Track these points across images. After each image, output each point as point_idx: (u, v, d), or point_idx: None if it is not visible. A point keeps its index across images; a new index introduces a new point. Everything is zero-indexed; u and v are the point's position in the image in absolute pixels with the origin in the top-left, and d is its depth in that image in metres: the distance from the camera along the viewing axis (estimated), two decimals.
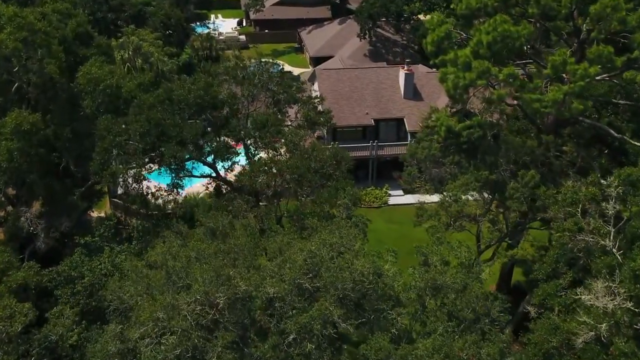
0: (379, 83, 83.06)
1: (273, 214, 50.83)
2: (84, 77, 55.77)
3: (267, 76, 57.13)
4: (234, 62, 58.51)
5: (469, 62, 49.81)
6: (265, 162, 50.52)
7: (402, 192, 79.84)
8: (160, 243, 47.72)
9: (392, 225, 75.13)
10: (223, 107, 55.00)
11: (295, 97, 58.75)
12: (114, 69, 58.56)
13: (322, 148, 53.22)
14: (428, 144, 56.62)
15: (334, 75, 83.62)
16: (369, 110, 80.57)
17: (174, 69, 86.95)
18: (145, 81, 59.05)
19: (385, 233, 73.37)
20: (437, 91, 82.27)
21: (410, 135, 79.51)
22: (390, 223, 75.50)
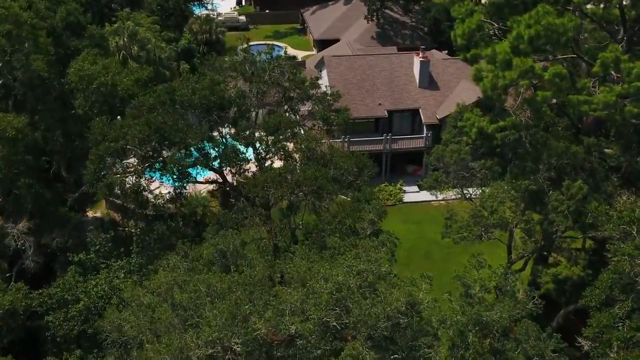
0: (392, 71, 76.90)
1: (288, 230, 45.02)
2: (75, 74, 49.62)
3: (279, 72, 50.91)
4: (242, 55, 52.27)
5: (509, 59, 43.79)
6: (280, 172, 44.58)
7: (417, 189, 74.05)
8: (164, 265, 42.16)
9: (409, 226, 69.39)
10: (230, 107, 48.92)
11: (309, 94, 52.66)
12: (108, 64, 52.27)
13: (343, 154, 47.29)
14: (457, 147, 50.70)
15: (344, 62, 77.38)
16: (381, 101, 74.49)
17: (173, 55, 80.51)
18: (143, 77, 52.85)
19: (402, 234, 66.33)
20: (454, 79, 76.31)
21: (426, 128, 73.62)
22: (406, 223, 69.74)
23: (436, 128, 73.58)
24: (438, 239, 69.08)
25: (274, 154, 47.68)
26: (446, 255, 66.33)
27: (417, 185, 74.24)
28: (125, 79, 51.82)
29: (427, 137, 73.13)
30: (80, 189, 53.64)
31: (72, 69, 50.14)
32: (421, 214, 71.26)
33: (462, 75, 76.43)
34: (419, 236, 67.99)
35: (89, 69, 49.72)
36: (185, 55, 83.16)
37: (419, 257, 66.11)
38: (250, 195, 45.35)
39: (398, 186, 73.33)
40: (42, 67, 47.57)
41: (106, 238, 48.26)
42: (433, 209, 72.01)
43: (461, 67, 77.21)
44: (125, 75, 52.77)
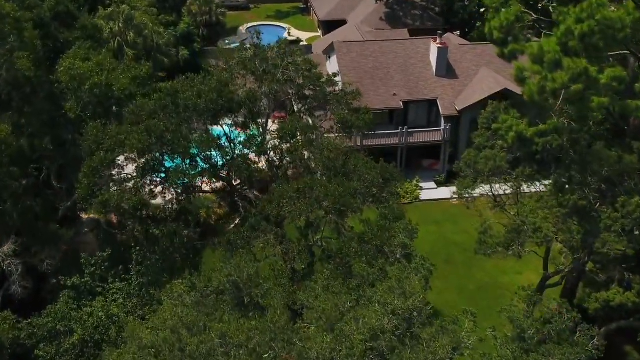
0: (407, 58, 70.93)
1: (307, 252, 39.54)
2: (66, 73, 43.74)
3: (294, 69, 45.02)
4: (252, 51, 46.32)
5: (558, 59, 38.04)
6: (298, 187, 38.98)
7: (434, 185, 68.59)
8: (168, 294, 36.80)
9: (428, 226, 63.56)
10: (240, 110, 43.16)
11: (325, 92, 46.88)
12: (102, 60, 46.27)
13: (366, 163, 41.66)
14: (492, 154, 45.07)
15: (356, 49, 71.33)
16: (396, 91, 68.63)
17: (171, 41, 74.51)
18: (141, 73, 46.89)
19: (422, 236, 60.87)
20: (473, 67, 70.43)
21: (444, 120, 67.88)
22: (425, 223, 63.45)
23: (455, 120, 67.92)
24: (459, 240, 64.00)
25: (290, 164, 42.04)
26: (469, 259, 60.97)
27: (435, 182, 68.83)
28: (121, 77, 45.87)
29: (445, 130, 67.46)
30: (73, 197, 47.94)
31: (62, 68, 44.23)
32: (440, 212, 65.79)
33: (482, 62, 70.60)
34: (438, 238, 62.59)
35: (80, 67, 43.81)
36: (185, 40, 77.07)
37: (440, 261, 60.39)
38: (264, 212, 39.82)
39: (414, 183, 67.72)
40: (27, 65, 41.70)
41: (102, 257, 42.71)
42: (452, 207, 66.51)
43: (480, 54, 71.35)
44: (121, 72, 46.82)
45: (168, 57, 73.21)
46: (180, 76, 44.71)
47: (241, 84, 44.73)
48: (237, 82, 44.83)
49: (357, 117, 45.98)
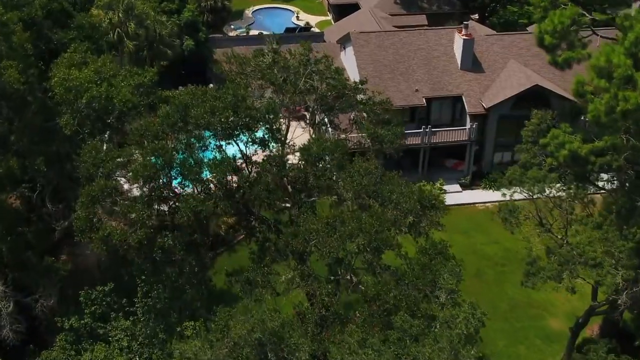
0: (429, 50, 65.09)
1: (336, 293, 34.22)
2: (60, 84, 38.00)
3: (318, 78, 39.34)
4: (271, 57, 40.56)
5: (629, 75, 32.47)
6: (328, 221, 33.58)
7: (459, 188, 63.17)
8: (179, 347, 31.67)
9: (454, 236, 57.83)
10: (258, 125, 37.52)
11: (351, 102, 41.28)
12: (101, 66, 40.49)
13: (402, 188, 36.19)
14: (542, 175, 39.57)
15: (374, 40, 65.42)
16: (418, 86, 62.91)
17: (175, 30, 68.45)
18: (146, 81, 41.18)
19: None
20: (501, 59, 64.63)
21: (470, 118, 62.26)
22: (452, 232, 57.83)
23: (481, 118, 62.32)
24: (490, 252, 58.72)
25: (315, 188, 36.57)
26: (500, 274, 55.97)
27: (459, 184, 63.39)
28: (122, 85, 40.11)
29: (471, 129, 61.87)
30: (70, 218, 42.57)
31: (56, 78, 38.52)
32: (466, 219, 60.39)
33: (510, 54, 64.82)
34: (467, 249, 57.07)
35: (76, 77, 38.12)
36: (189, 29, 70.95)
37: (469, 276, 55.08)
38: (286, 247, 34.49)
39: (438, 185, 62.23)
40: (16, 77, 36.00)
41: (104, 291, 37.51)
42: (479, 213, 61.26)
43: (507, 45, 65.55)
44: (122, 79, 41.04)
45: (171, 48, 67.28)
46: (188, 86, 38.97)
47: (258, 95, 39.01)
48: (253, 90, 39.17)
49: (387, 130, 40.38)
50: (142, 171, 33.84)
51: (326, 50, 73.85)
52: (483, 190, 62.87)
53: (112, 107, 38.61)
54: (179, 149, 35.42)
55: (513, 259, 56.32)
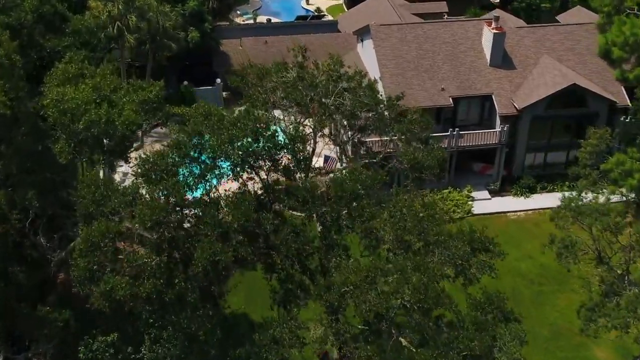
0: (456, 45, 59.41)
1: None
2: (53, 106, 32.50)
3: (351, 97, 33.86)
4: (295, 72, 35.03)
5: None
6: (368, 274, 28.41)
7: (487, 194, 57.91)
8: None
9: None
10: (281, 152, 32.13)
11: (386, 120, 35.90)
12: (100, 81, 34.94)
13: (449, 228, 31.01)
14: (605, 208, 34.30)
15: (395, 33, 59.65)
16: (445, 85, 57.37)
17: (179, 21, 62.70)
18: (151, 97, 35.68)
19: None
20: (533, 55, 59.03)
21: (501, 119, 56.82)
22: None
23: (513, 119, 56.90)
24: (524, 269, 53.58)
25: (349, 228, 31.33)
26: (538, 294, 50.87)
27: (488, 190, 58.15)
28: (125, 102, 34.62)
29: (503, 132, 56.48)
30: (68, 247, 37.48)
31: (49, 98, 33.03)
32: (498, 230, 53.91)
33: (542, 49, 59.21)
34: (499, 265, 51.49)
35: (72, 98, 32.64)
36: (194, 19, 65.11)
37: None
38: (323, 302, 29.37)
39: (465, 192, 57.01)
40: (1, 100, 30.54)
41: (106, 341, 32.53)
42: (511, 223, 56.12)
43: (540, 38, 59.93)
44: (124, 94, 35.54)
45: (176, 41, 61.63)
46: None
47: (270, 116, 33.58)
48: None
49: (426, 152, 35.05)
50: (149, 215, 28.56)
51: (342, 42, 68.41)
52: (514, 197, 57.73)
53: (114, 131, 33.18)
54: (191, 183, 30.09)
55: (550, 276, 51.44)
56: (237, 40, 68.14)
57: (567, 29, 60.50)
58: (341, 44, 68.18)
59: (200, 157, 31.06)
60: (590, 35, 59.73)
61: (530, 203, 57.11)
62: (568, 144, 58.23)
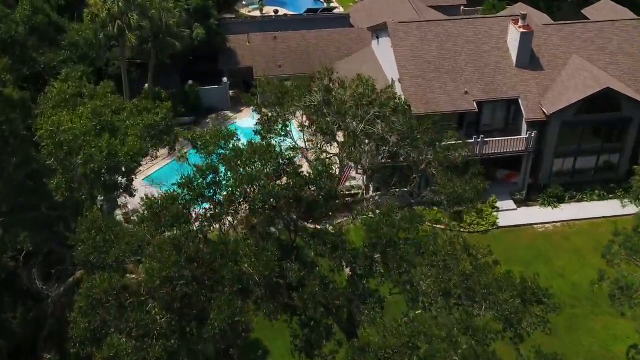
0: (479, 44, 55.15)
1: None
2: (48, 136, 28.45)
3: (385, 125, 29.78)
4: (321, 95, 30.86)
5: None
6: (411, 335, 24.58)
7: (513, 204, 53.96)
8: None
9: (515, 267, 48.04)
10: (306, 187, 28.13)
11: (418, 145, 31.86)
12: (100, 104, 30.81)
13: (501, 280, 27.17)
14: None
15: (415, 32, 55.34)
16: (468, 88, 53.21)
17: (184, 18, 58.44)
18: (158, 120, 31.57)
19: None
20: (562, 54, 54.80)
21: (527, 125, 52.75)
22: (509, 263, 49.03)
23: (541, 124, 52.83)
24: (555, 288, 48.99)
25: (382, 277, 27.45)
26: (570, 318, 46.88)
27: (513, 200, 54.21)
28: (128, 126, 30.53)
29: (530, 139, 52.45)
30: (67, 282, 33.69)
31: (44, 128, 28.91)
32: (525, 245, 51.30)
33: (571, 48, 55.00)
34: None
35: (69, 128, 28.55)
36: (199, 15, 60.78)
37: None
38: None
39: (490, 203, 53.04)
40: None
41: None
42: (538, 236, 52.12)
43: (568, 37, 55.67)
44: (128, 116, 31.42)
45: (180, 39, 57.39)
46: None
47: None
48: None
49: (465, 183, 31.07)
50: (159, 270, 24.66)
51: (355, 37, 64.12)
52: (541, 207, 53.82)
53: (117, 165, 29.14)
54: (205, 229, 26.17)
55: (583, 297, 47.59)
56: (244, 36, 63.78)
57: (597, 27, 56.20)
58: (354, 39, 63.95)
59: (216, 196, 27.00)
60: (622, 33, 55.66)
61: (559, 214, 53.25)
62: (598, 149, 54.38)
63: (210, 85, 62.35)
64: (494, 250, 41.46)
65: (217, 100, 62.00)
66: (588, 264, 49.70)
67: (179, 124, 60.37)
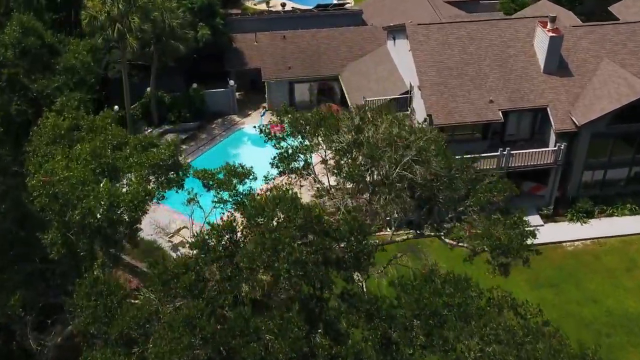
0: (504, 47, 51.12)
1: None
2: (40, 187, 24.64)
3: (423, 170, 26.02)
4: (351, 135, 26.99)
5: None
6: None
7: (539, 220, 50.32)
8: None
9: (542, 291, 45.82)
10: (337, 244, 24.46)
11: (459, 187, 28.09)
12: (101, 148, 26.94)
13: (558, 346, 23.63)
14: None
15: (435, 34, 51.24)
16: (493, 95, 49.30)
17: (189, 17, 54.33)
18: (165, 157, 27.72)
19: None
20: (592, 58, 50.81)
21: (556, 136, 48.95)
22: (536, 286, 46.13)
23: (570, 135, 49.04)
24: (588, 316, 45.79)
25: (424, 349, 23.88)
26: (607, 349, 43.04)
27: (540, 215, 50.57)
28: (133, 166, 26.74)
29: (559, 151, 48.69)
30: (66, 331, 30.05)
31: (35, 181, 25.07)
32: (554, 265, 47.63)
33: (602, 52, 51.00)
34: (559, 311, 44.59)
35: (64, 177, 24.73)
36: (204, 14, 56.60)
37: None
38: None
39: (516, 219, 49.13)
40: None
41: None
42: (568, 256, 48.48)
43: (599, 40, 51.62)
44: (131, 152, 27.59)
45: (184, 41, 53.37)
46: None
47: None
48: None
49: (510, 229, 27.38)
50: (168, 354, 21.03)
51: (369, 36, 60.11)
52: (569, 222, 50.21)
53: (119, 219, 25.38)
54: (225, 304, 22.51)
55: (619, 325, 44.10)
56: (251, 35, 59.68)
57: (629, 28, 52.12)
58: (368, 38, 59.88)
59: (233, 259, 23.33)
60: None
61: (588, 230, 49.68)
62: (630, 160, 50.67)
63: (215, 87, 58.43)
64: (520, 272, 38.42)
65: (223, 104, 58.12)
66: (621, 286, 46.31)
67: (183, 130, 56.82)
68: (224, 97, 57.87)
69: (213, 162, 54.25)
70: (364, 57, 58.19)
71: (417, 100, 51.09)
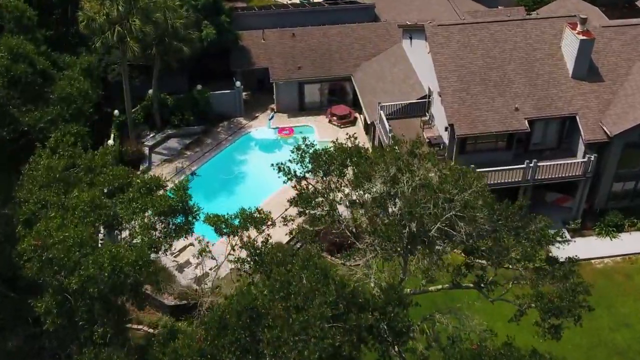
0: (530, 50, 47.43)
1: None
2: (32, 251, 21.25)
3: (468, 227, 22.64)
4: (387, 187, 23.50)
5: None
6: None
7: (567, 234, 46.89)
8: None
9: None
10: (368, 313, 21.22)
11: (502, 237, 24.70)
12: (98, 197, 23.50)
13: None
14: None
15: (457, 36, 47.48)
16: (519, 103, 45.78)
17: (192, 17, 50.56)
18: (174, 203, 24.29)
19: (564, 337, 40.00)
20: (623, 62, 47.21)
21: (586, 147, 45.51)
22: None
23: (600, 146, 45.60)
24: (621, 342, 42.69)
25: None
26: None
27: (567, 229, 47.23)
28: (137, 212, 23.40)
29: (589, 162, 45.29)
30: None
31: (25, 243, 21.73)
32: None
33: (634, 55, 47.37)
34: (589, 337, 41.41)
35: (59, 240, 21.35)
36: (209, 12, 52.77)
37: None
38: None
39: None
40: None
41: None
42: (598, 274, 45.22)
43: (631, 41, 47.94)
44: (134, 195, 24.20)
45: (188, 42, 49.65)
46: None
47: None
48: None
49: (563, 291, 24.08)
50: None
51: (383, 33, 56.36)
52: (597, 237, 46.92)
53: (121, 284, 22.05)
54: None
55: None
56: (258, 32, 55.89)
57: None
58: (381, 35, 56.14)
59: (254, 337, 20.06)
60: None
61: (619, 246, 46.42)
62: None
63: (220, 87, 54.78)
64: None
65: (229, 106, 54.52)
66: None
67: (187, 134, 53.35)
68: (230, 99, 54.28)
69: (219, 170, 51.03)
70: (377, 57, 54.52)
71: (436, 105, 47.62)
